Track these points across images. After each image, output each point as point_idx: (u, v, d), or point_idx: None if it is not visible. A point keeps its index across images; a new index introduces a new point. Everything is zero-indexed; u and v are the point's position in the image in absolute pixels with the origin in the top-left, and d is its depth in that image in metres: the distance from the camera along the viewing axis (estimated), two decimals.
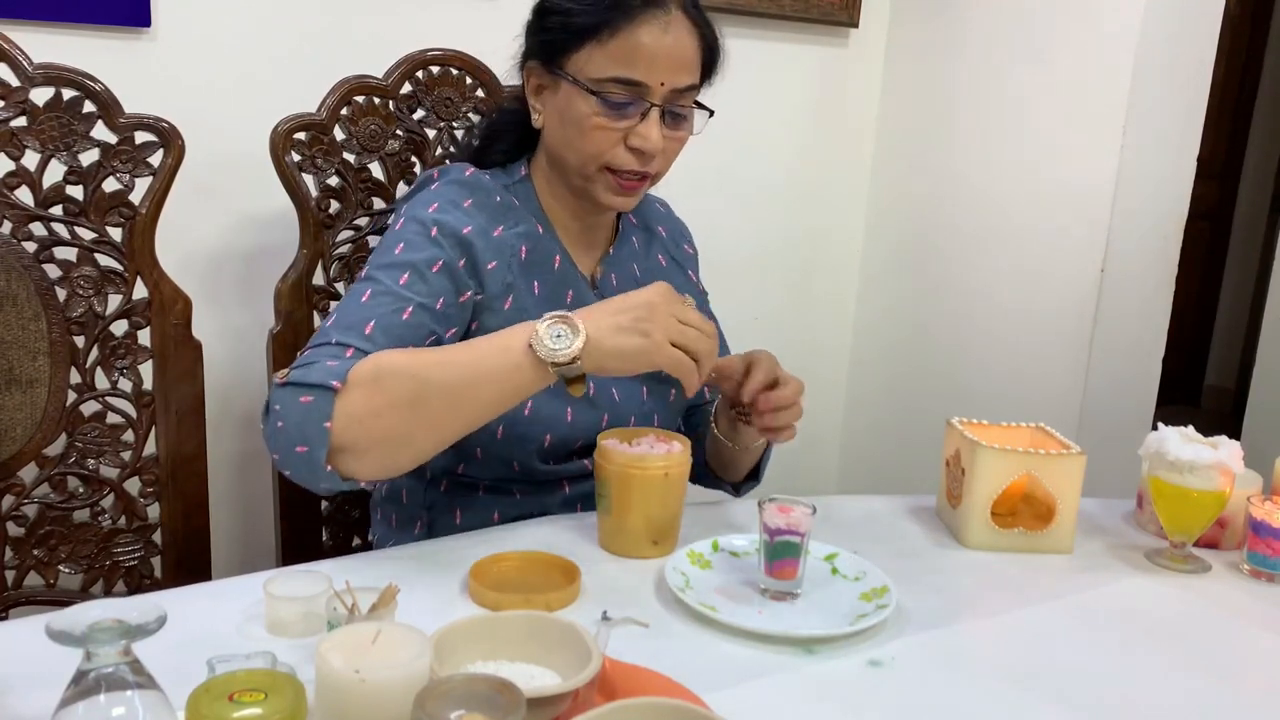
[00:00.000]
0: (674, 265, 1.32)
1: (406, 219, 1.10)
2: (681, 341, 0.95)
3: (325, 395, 0.92)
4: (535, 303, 1.14)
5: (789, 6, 2.01)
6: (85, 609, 0.60)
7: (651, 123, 1.08)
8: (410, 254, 1.06)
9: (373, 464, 0.95)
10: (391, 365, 0.95)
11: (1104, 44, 1.81)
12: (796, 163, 2.17)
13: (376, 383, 0.93)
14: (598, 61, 1.07)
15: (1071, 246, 1.89)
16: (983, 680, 0.86)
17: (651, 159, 1.10)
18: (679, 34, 1.08)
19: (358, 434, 0.93)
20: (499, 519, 1.16)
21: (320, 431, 0.92)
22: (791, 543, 0.95)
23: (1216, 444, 1.10)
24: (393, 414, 0.93)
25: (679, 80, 1.09)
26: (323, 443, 0.92)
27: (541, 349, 0.92)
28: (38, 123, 1.14)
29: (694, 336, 0.95)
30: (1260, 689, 0.89)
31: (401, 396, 0.93)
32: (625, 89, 1.07)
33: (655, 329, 0.94)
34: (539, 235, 1.16)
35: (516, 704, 0.61)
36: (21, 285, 1.15)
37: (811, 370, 2.31)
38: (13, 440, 1.17)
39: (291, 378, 0.95)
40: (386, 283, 1.04)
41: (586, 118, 1.08)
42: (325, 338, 1.00)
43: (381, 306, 1.02)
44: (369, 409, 0.93)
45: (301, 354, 1.00)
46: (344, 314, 1.02)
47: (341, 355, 0.97)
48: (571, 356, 0.92)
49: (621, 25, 1.06)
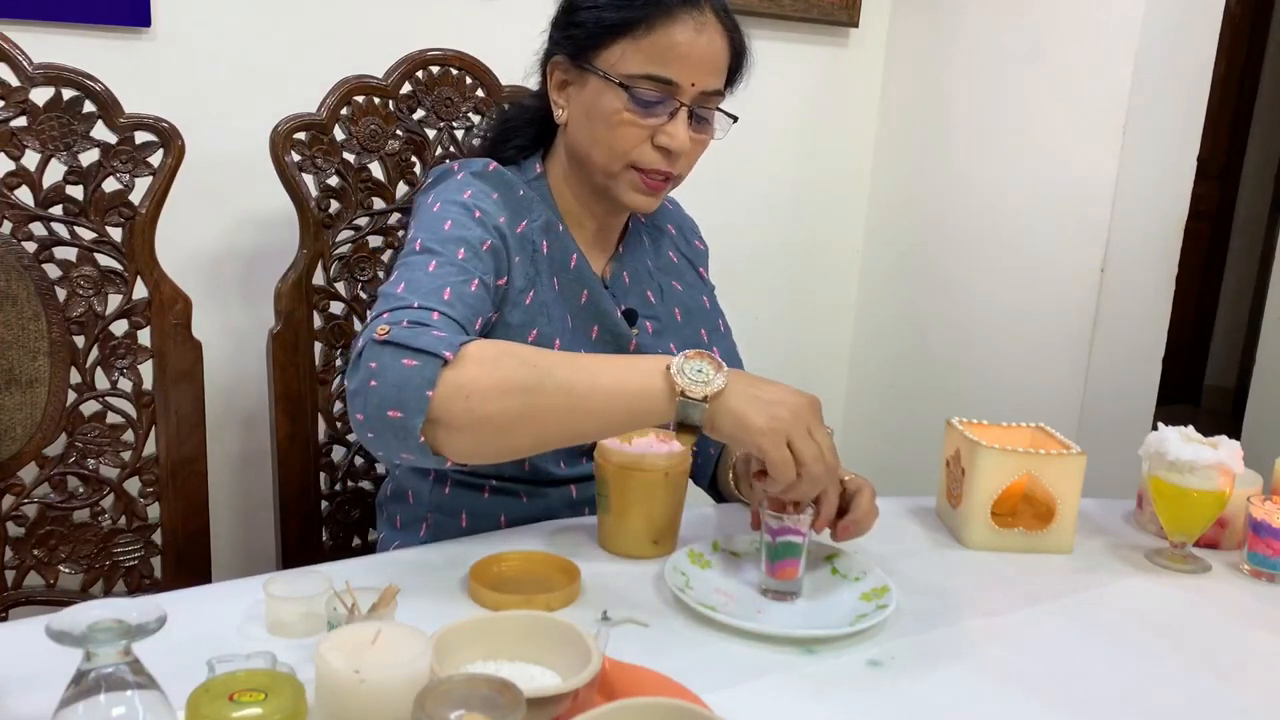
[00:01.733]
0: (685, 262, 1.32)
1: (444, 203, 1.08)
2: (797, 448, 0.89)
3: (433, 363, 0.88)
4: (554, 299, 1.14)
5: (789, 6, 2.01)
6: (85, 609, 0.60)
7: (680, 122, 1.08)
8: (461, 231, 1.04)
9: (465, 444, 0.90)
10: (514, 349, 0.92)
11: (1104, 44, 1.81)
12: (796, 162, 2.17)
13: (496, 361, 0.90)
14: (631, 58, 1.07)
15: (1071, 246, 1.89)
16: (983, 680, 0.86)
17: (677, 159, 1.10)
18: (712, 36, 1.08)
19: (461, 409, 0.88)
20: (504, 522, 1.16)
21: (420, 399, 0.87)
22: (793, 543, 0.95)
23: (1216, 444, 1.10)
24: (503, 397, 0.89)
25: (709, 83, 1.09)
26: (421, 411, 0.87)
27: (680, 376, 0.89)
28: (38, 123, 1.14)
29: (813, 453, 0.89)
30: (1260, 689, 0.89)
31: (518, 382, 0.89)
32: (657, 86, 1.07)
33: (782, 422, 0.89)
34: (558, 232, 1.16)
35: (516, 704, 0.61)
36: (21, 285, 1.15)
37: (811, 370, 2.32)
38: (13, 440, 1.17)
39: (396, 337, 0.89)
40: (447, 254, 1.02)
41: (616, 113, 1.08)
42: (404, 301, 0.95)
43: (451, 276, 0.99)
44: (480, 386, 0.88)
45: (375, 317, 0.94)
46: (414, 282, 0.98)
47: (429, 319, 0.93)
48: (705, 394, 0.88)
49: (658, 22, 1.06)
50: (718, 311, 1.35)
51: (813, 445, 0.90)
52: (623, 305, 1.21)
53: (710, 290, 1.35)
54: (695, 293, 1.31)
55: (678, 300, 1.28)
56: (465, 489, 1.18)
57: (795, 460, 0.89)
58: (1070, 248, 1.89)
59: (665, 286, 1.27)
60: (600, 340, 1.18)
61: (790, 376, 2.43)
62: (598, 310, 1.17)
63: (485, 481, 1.17)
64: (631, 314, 1.21)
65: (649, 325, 1.22)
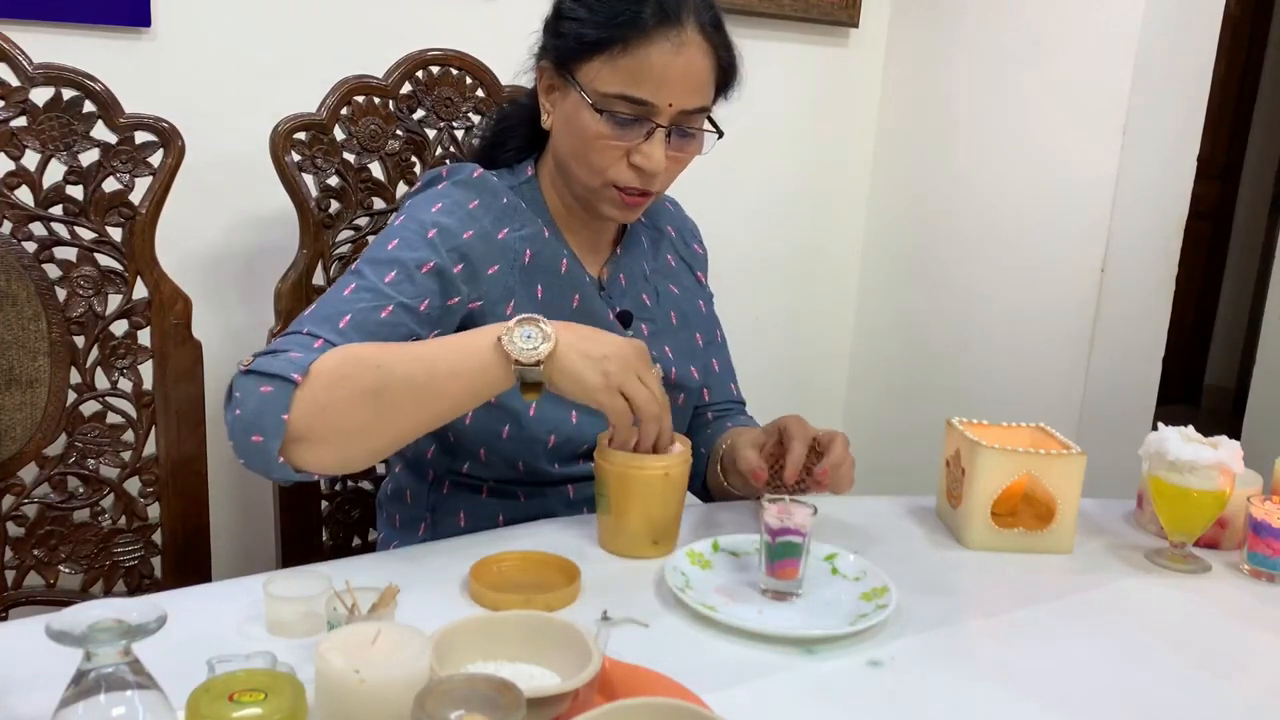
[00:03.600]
0: (683, 266, 1.32)
1: (407, 216, 1.10)
2: (631, 394, 0.95)
3: (285, 387, 0.92)
4: (538, 307, 1.13)
5: (789, 6, 2.01)
6: (85, 609, 0.60)
7: (655, 143, 1.07)
8: (402, 252, 1.06)
9: (328, 456, 0.95)
10: (356, 355, 0.95)
11: (1104, 44, 1.81)
12: (796, 162, 2.17)
13: (341, 372, 0.93)
14: (606, 77, 1.06)
15: (1071, 246, 1.89)
16: (983, 680, 0.86)
17: (653, 178, 1.09)
18: (691, 55, 1.06)
19: (315, 423, 0.92)
20: (503, 521, 1.16)
21: (277, 423, 0.91)
22: (793, 543, 0.95)
23: (1216, 444, 1.10)
24: (353, 404, 0.93)
25: (688, 102, 1.07)
26: (278, 434, 0.92)
27: (510, 345, 0.93)
28: (38, 123, 1.14)
29: (644, 397, 0.96)
30: (1260, 689, 0.89)
31: (363, 387, 0.93)
32: (632, 107, 1.06)
33: (613, 374, 0.95)
34: (545, 238, 1.16)
35: (516, 704, 0.61)
36: (21, 285, 1.15)
37: (811, 370, 2.32)
38: (13, 440, 1.17)
39: (254, 365, 0.94)
40: (371, 278, 1.04)
41: (591, 131, 1.07)
42: (298, 326, 1.00)
43: (361, 301, 1.02)
44: (330, 398, 0.92)
45: (271, 340, 0.99)
46: (323, 305, 1.02)
47: (310, 346, 0.97)
48: (537, 359, 0.93)
49: (633, 42, 1.04)
50: (714, 320, 1.35)
51: (643, 390, 0.96)
52: (617, 307, 1.21)
53: (708, 297, 1.35)
54: (692, 297, 1.31)
55: (674, 304, 1.28)
56: (463, 489, 1.18)
57: (631, 406, 0.96)
58: (1070, 248, 1.89)
59: (661, 289, 1.27)
60: None
61: (790, 376, 2.44)
62: (589, 314, 1.17)
63: (483, 482, 1.17)
64: (627, 316, 1.21)
65: (645, 328, 1.22)
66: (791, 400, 2.25)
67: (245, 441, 0.93)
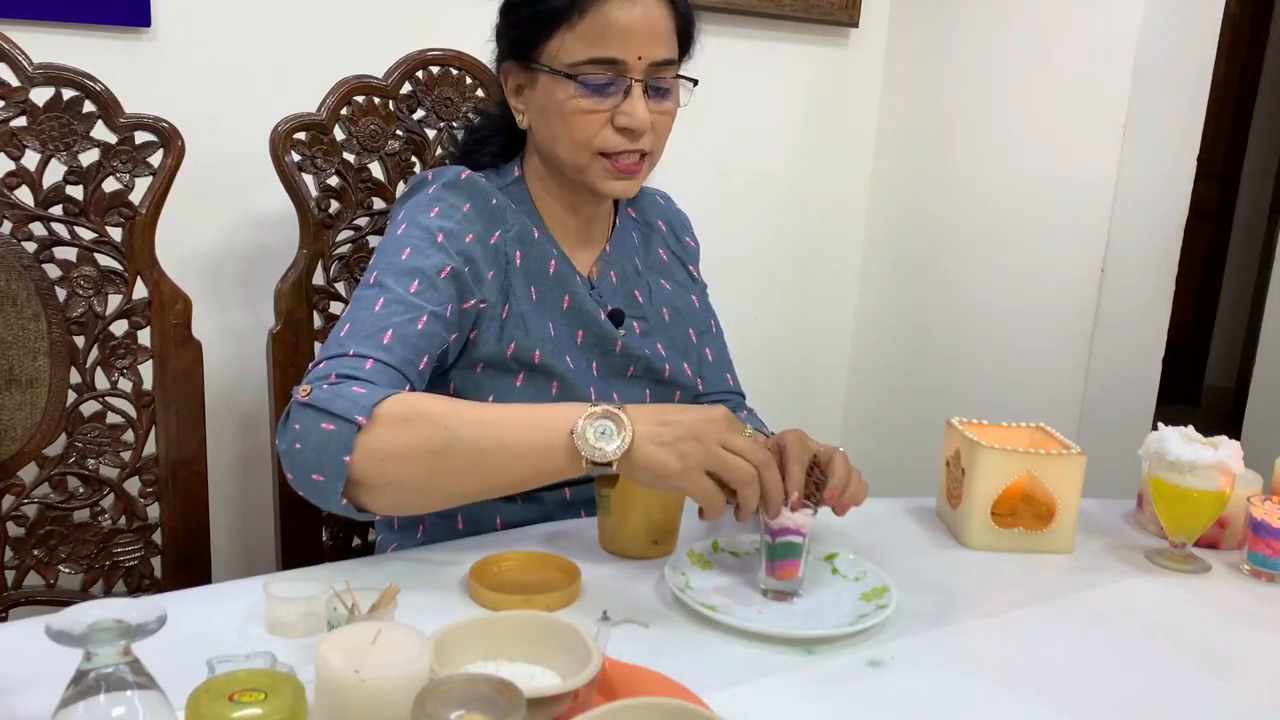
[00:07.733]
0: (674, 260, 1.32)
1: (408, 224, 1.09)
2: (718, 469, 0.89)
3: (348, 428, 0.90)
4: (531, 310, 1.13)
5: (789, 6, 2.01)
6: (85, 609, 0.60)
7: (635, 99, 1.07)
8: (418, 260, 1.05)
9: (385, 502, 0.94)
10: (425, 410, 0.93)
11: (1104, 44, 1.81)
12: (796, 162, 2.17)
13: (407, 424, 0.92)
14: (571, 46, 1.06)
15: (1071, 246, 1.89)
16: (983, 680, 0.86)
17: (641, 135, 1.09)
18: (648, 5, 1.06)
19: (377, 471, 0.91)
20: (501, 524, 1.16)
21: (339, 465, 0.90)
22: (794, 543, 0.95)
23: (1216, 444, 1.10)
24: (416, 460, 0.92)
25: (656, 53, 1.07)
26: (340, 476, 0.91)
27: (582, 444, 0.89)
28: (38, 123, 1.14)
29: (735, 465, 0.88)
30: (1260, 689, 0.89)
31: (428, 444, 0.91)
32: (603, 68, 1.06)
33: (690, 454, 0.88)
34: (534, 239, 1.16)
35: (516, 704, 0.61)
36: (21, 285, 1.15)
37: (811, 370, 2.32)
38: (13, 440, 1.17)
39: (315, 400, 0.92)
40: (398, 290, 1.03)
41: (568, 104, 1.07)
42: (342, 348, 0.98)
43: (396, 315, 1.01)
44: (393, 450, 0.91)
45: (315, 364, 0.98)
46: (358, 323, 1.01)
47: (361, 368, 0.96)
48: (610, 459, 0.89)
49: (588, 4, 1.05)
50: (708, 312, 1.35)
51: (729, 458, 0.89)
52: (608, 306, 1.20)
53: (701, 290, 1.35)
54: (684, 292, 1.31)
55: (666, 299, 1.27)
56: None
57: (721, 480, 0.89)
58: (1070, 248, 1.89)
59: (653, 285, 1.27)
60: (586, 344, 1.18)
61: (790, 377, 2.44)
62: (580, 314, 1.17)
63: None
64: (618, 314, 1.20)
65: (636, 326, 1.22)
66: (791, 400, 2.26)
67: (306, 479, 0.92)
